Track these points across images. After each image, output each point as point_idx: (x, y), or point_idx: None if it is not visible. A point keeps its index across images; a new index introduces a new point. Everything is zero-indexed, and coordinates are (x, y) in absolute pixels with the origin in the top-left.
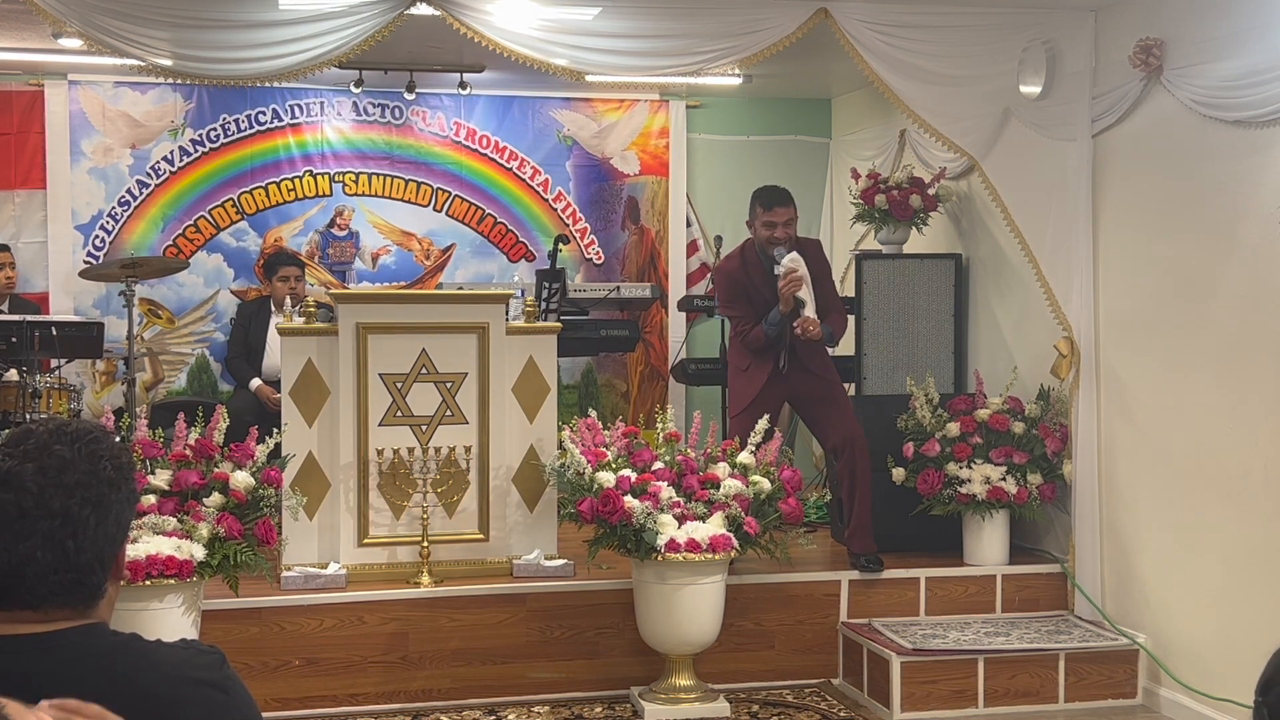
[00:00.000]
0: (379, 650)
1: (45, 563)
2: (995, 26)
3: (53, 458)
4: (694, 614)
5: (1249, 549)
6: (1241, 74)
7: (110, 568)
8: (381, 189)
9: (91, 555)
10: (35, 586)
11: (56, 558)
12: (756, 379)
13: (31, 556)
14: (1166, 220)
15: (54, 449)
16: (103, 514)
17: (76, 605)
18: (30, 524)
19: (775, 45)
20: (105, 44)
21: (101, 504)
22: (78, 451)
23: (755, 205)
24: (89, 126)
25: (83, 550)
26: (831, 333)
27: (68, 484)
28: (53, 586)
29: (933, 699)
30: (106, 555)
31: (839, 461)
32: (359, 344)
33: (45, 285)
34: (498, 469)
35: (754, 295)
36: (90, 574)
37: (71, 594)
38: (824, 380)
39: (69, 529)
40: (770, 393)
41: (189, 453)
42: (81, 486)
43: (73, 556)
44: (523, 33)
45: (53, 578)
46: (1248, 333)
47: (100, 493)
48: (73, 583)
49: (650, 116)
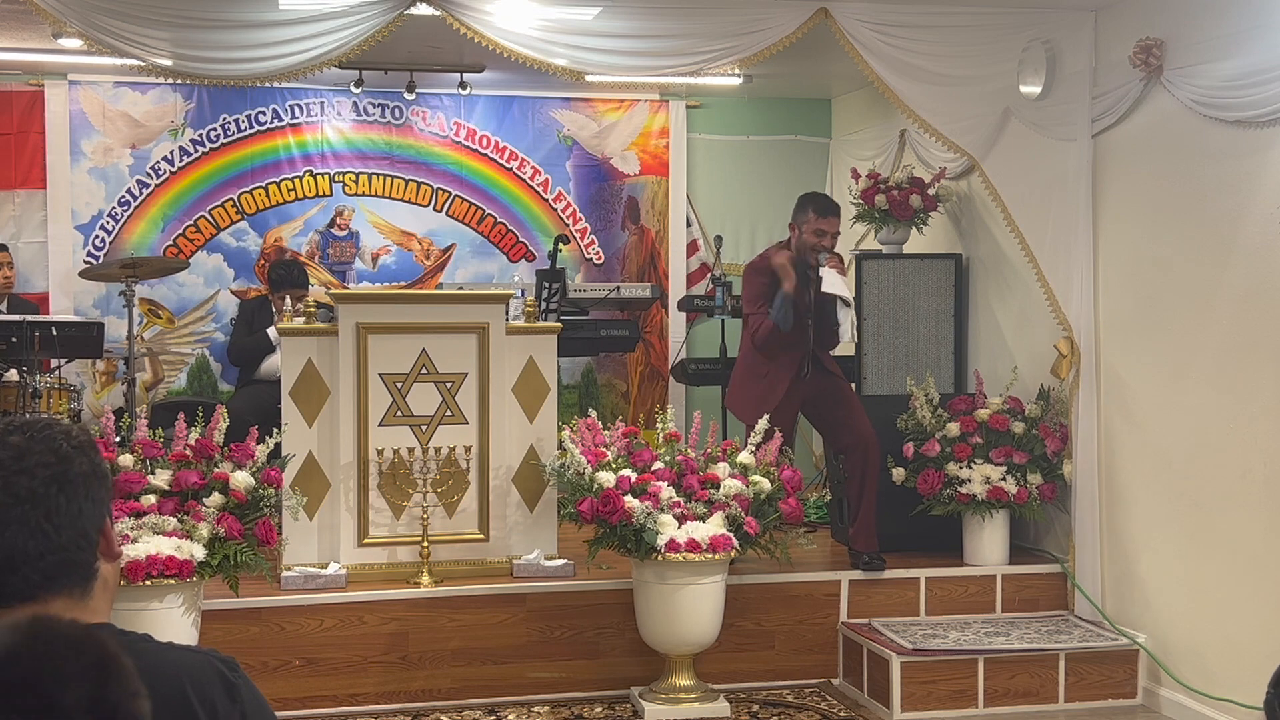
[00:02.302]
0: (379, 650)
1: (31, 549)
2: (995, 26)
3: (7, 448)
4: (694, 614)
5: (1249, 549)
6: (1241, 74)
7: (97, 544)
8: (381, 189)
9: (72, 532)
10: (29, 575)
11: (39, 542)
12: (777, 387)
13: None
14: (1167, 220)
15: (8, 440)
16: (71, 489)
17: (72, 590)
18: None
19: (775, 45)
20: (105, 44)
21: (66, 479)
22: (31, 438)
23: (809, 209)
24: (89, 126)
25: (61, 529)
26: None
27: (27, 467)
28: (45, 571)
29: (933, 699)
30: (90, 530)
31: (849, 461)
32: (359, 344)
33: (45, 285)
34: (498, 469)
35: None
36: (77, 551)
37: (66, 576)
38: (836, 379)
39: (41, 510)
40: (791, 400)
41: (189, 453)
42: (42, 466)
43: (54, 537)
44: (523, 33)
45: (40, 562)
46: (1248, 333)
47: (60, 469)
48: (62, 563)
49: (650, 116)
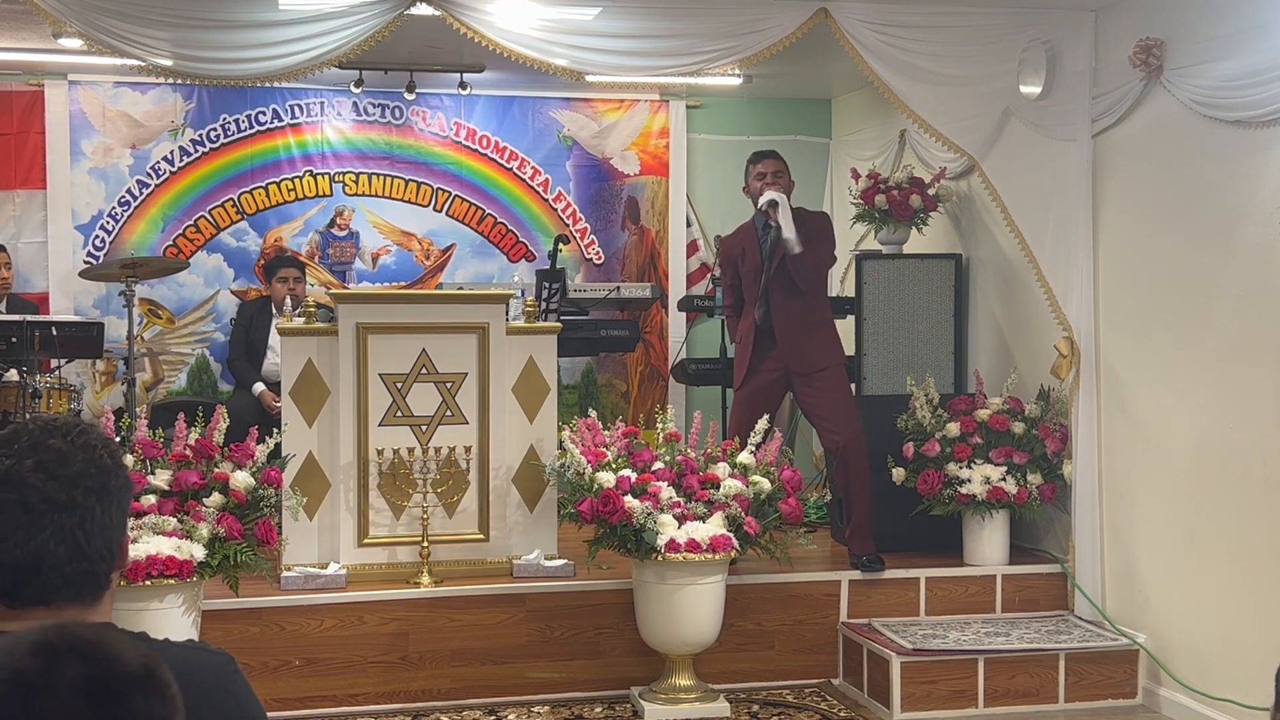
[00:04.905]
0: (379, 650)
1: (60, 555)
2: (995, 26)
3: (50, 452)
4: (694, 614)
5: (1249, 549)
6: (1241, 74)
7: (117, 556)
8: (381, 189)
9: (101, 543)
10: (51, 579)
11: (70, 549)
12: (747, 344)
13: (45, 550)
14: (1166, 220)
15: (49, 443)
16: (106, 501)
17: (85, 598)
18: (38, 518)
19: (775, 45)
20: (105, 44)
21: (104, 491)
22: (72, 443)
23: (747, 166)
24: (89, 126)
25: (92, 539)
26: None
27: (69, 475)
28: (67, 578)
29: (933, 699)
30: (114, 542)
31: (835, 464)
32: (359, 344)
33: (45, 285)
34: (498, 469)
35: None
36: (101, 563)
37: (84, 585)
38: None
39: (77, 519)
40: (762, 357)
41: (189, 453)
42: (84, 476)
43: (84, 546)
44: (523, 33)
45: (67, 569)
46: (1248, 332)
47: (101, 480)
48: (85, 573)
49: (650, 116)
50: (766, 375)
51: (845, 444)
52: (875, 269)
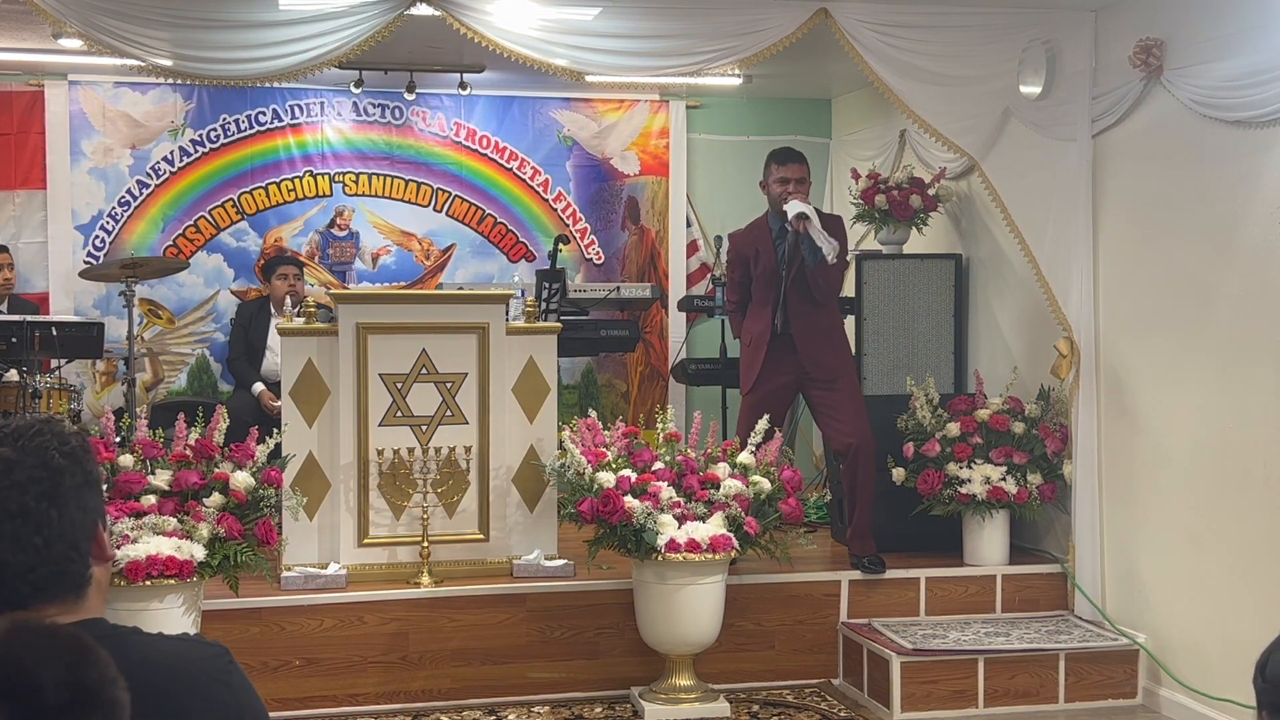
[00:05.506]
0: (379, 650)
1: (20, 563)
2: (995, 26)
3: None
4: (694, 614)
5: (1249, 549)
6: (1241, 74)
7: (89, 552)
8: (381, 189)
9: (63, 546)
10: (18, 587)
11: (29, 557)
12: (759, 349)
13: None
14: (1166, 220)
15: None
16: (62, 503)
17: (65, 597)
18: None
19: (775, 45)
20: (105, 44)
21: (58, 494)
22: (21, 448)
23: (769, 164)
24: (89, 127)
25: (52, 543)
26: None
27: (19, 481)
28: (34, 583)
29: (933, 699)
30: (81, 541)
31: (843, 465)
32: (359, 344)
33: (45, 285)
34: (498, 469)
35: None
36: (68, 563)
37: (56, 586)
38: (835, 365)
39: (31, 525)
40: (776, 363)
41: (189, 453)
42: (34, 481)
43: (44, 551)
44: (523, 33)
45: (30, 575)
46: (1248, 333)
47: (54, 483)
48: (52, 575)
49: (650, 117)
50: (779, 381)
51: (857, 446)
52: (875, 269)
